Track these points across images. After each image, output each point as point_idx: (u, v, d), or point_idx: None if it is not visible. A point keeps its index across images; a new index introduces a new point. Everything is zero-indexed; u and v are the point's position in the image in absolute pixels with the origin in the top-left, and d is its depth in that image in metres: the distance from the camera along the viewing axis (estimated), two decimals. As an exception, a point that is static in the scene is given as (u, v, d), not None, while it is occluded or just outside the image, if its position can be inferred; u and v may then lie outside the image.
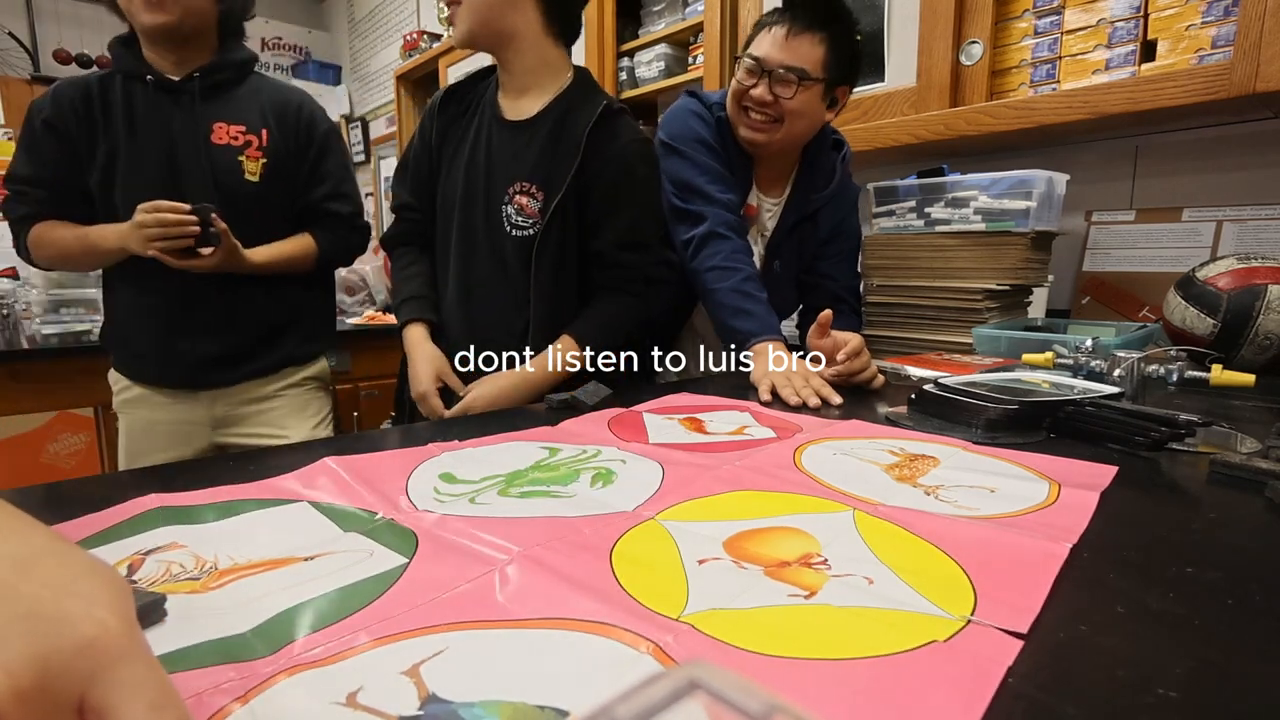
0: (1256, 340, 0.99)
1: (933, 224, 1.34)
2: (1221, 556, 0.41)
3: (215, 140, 1.21)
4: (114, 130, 1.18)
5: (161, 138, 1.19)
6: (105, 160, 1.18)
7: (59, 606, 0.19)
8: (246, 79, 1.26)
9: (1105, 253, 1.44)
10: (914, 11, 1.54)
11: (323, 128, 1.32)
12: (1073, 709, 0.27)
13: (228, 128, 1.21)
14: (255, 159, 1.23)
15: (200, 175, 1.19)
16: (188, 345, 1.23)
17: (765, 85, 1.11)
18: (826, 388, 0.91)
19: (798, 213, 1.26)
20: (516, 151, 1.05)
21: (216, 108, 1.21)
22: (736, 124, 1.18)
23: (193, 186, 1.19)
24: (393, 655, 0.31)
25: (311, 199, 1.30)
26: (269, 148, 1.24)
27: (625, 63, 2.29)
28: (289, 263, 1.28)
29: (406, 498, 0.52)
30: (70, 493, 0.55)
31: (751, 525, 0.46)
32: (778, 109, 1.12)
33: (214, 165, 1.20)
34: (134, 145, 1.18)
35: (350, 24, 4.44)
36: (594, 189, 1.03)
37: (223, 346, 1.25)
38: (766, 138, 1.15)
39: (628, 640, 0.32)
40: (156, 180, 1.17)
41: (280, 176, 1.26)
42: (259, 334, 1.28)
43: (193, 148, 1.19)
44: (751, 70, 1.12)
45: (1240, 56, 1.06)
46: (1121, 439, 0.63)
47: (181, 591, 0.37)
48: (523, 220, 1.04)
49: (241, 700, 0.28)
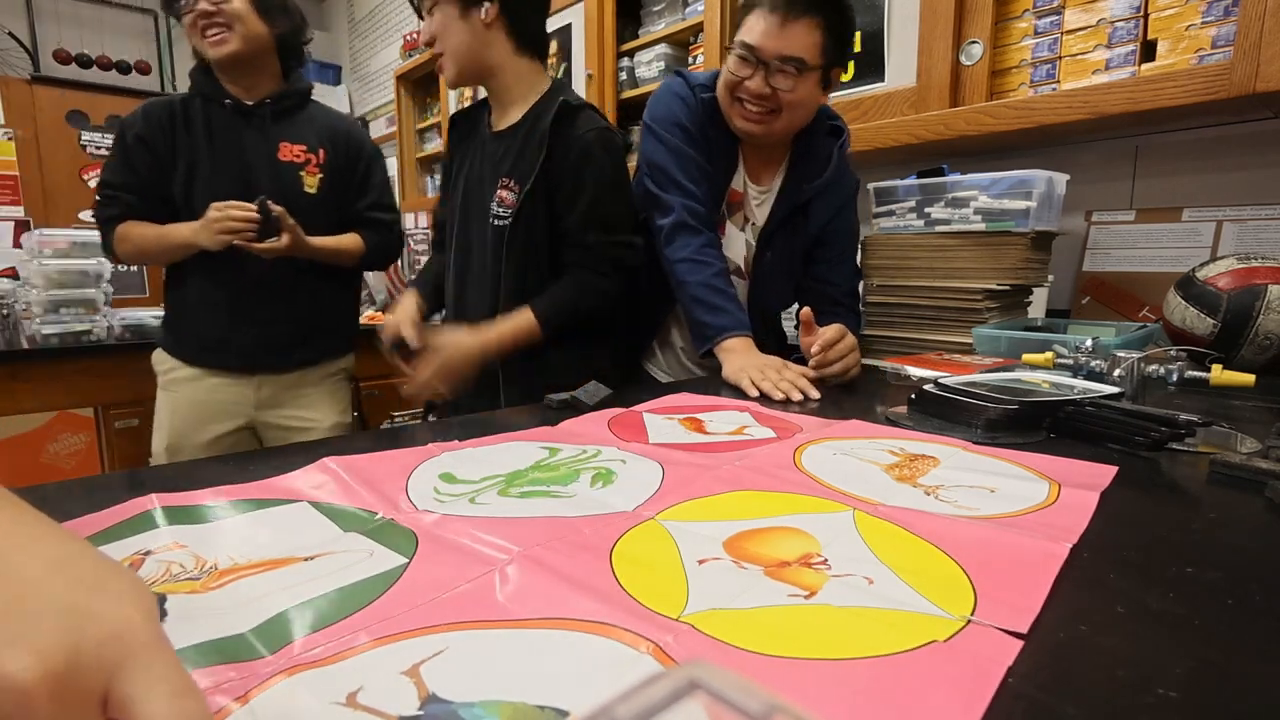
0: (1256, 340, 0.99)
1: (933, 224, 1.34)
2: (1221, 556, 0.41)
3: (281, 157, 1.42)
4: (195, 144, 1.38)
5: (236, 152, 1.39)
6: (186, 170, 1.37)
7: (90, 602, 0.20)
8: (306, 106, 1.49)
9: (1105, 253, 1.44)
10: (914, 11, 1.54)
11: (368, 149, 1.55)
12: (1073, 709, 0.27)
13: (292, 147, 1.43)
14: (313, 174, 1.45)
15: (268, 186, 1.38)
16: (246, 333, 1.41)
17: (761, 77, 1.06)
18: (802, 380, 0.92)
19: (790, 202, 1.21)
20: (502, 155, 1.17)
21: (282, 129, 1.43)
22: (730, 115, 1.14)
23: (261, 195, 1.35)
24: (393, 655, 0.31)
25: (358, 208, 1.52)
26: (325, 165, 1.46)
27: (625, 63, 2.29)
28: (342, 253, 1.47)
29: (406, 498, 0.52)
30: (70, 493, 0.55)
31: (751, 525, 0.46)
32: (775, 101, 1.07)
33: (279, 178, 1.41)
34: (212, 158, 1.38)
35: (350, 24, 4.44)
36: (560, 174, 1.11)
37: (276, 335, 1.43)
38: (765, 129, 1.11)
39: (628, 640, 0.32)
40: (231, 189, 1.35)
41: (333, 189, 1.47)
42: (306, 328, 1.48)
43: (262, 162, 1.40)
44: (745, 60, 1.06)
45: (1240, 56, 1.06)
46: (1121, 439, 0.63)
47: (181, 591, 0.37)
48: (503, 211, 1.14)
49: (241, 700, 0.28)
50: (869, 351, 1.40)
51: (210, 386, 1.44)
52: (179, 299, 1.45)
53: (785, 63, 1.04)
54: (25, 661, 0.18)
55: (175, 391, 1.45)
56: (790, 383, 0.92)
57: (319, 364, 1.52)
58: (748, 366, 0.98)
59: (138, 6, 4.09)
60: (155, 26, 4.16)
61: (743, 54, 1.07)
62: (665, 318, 1.28)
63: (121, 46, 4.05)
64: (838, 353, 0.96)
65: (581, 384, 0.89)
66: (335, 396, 1.56)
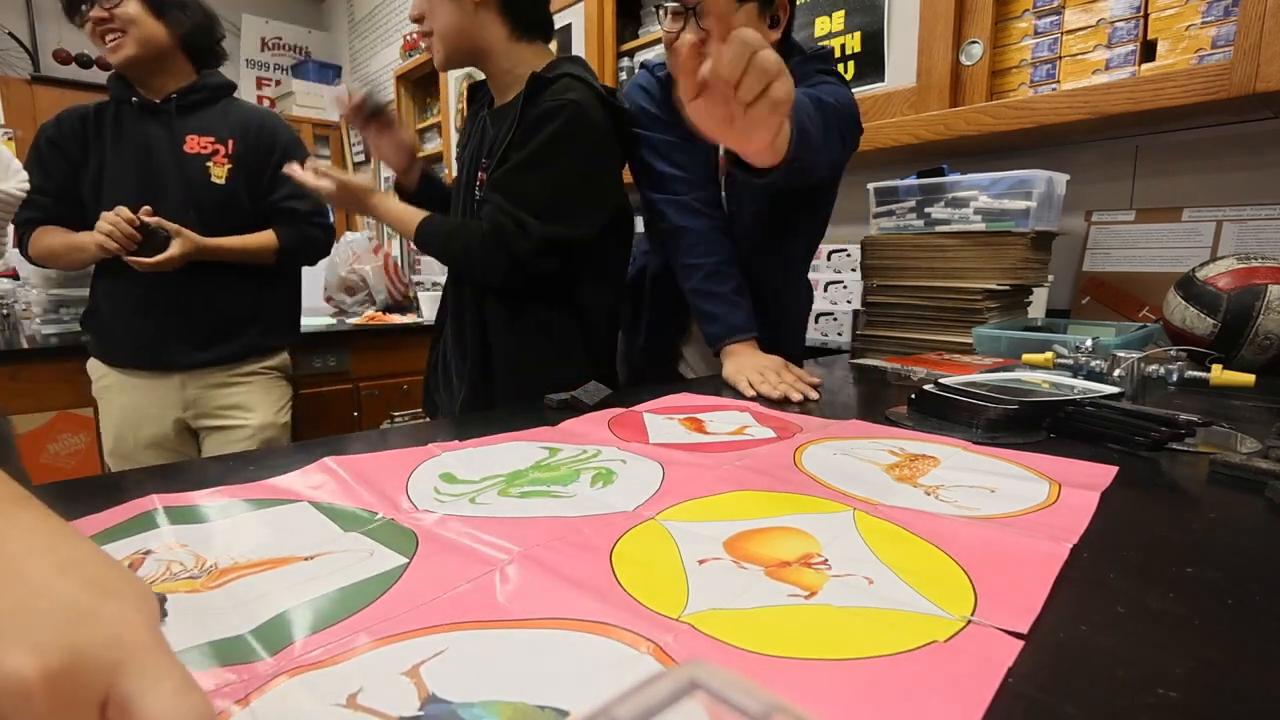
0: (1256, 340, 0.99)
1: (933, 224, 1.34)
2: (1221, 556, 0.41)
3: (187, 150, 1.41)
4: (104, 146, 1.39)
5: (141, 149, 1.40)
6: (95, 171, 1.39)
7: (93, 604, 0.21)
8: (220, 100, 1.47)
9: (1105, 253, 1.44)
10: (914, 11, 1.54)
11: (284, 137, 1.51)
12: (1073, 709, 0.27)
13: (198, 139, 1.42)
14: (221, 164, 1.43)
15: (173, 178, 1.40)
16: (154, 327, 1.41)
17: (693, 24, 0.99)
18: (801, 383, 0.92)
19: None
20: (491, 136, 1.12)
21: (190, 123, 1.43)
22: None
23: (167, 188, 1.39)
24: (393, 656, 0.31)
25: (274, 198, 1.49)
26: (234, 155, 1.44)
27: (625, 63, 2.29)
28: (251, 252, 1.45)
29: (407, 498, 0.52)
30: (70, 493, 0.55)
31: (752, 525, 0.46)
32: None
33: (184, 170, 1.40)
34: (118, 156, 1.39)
35: (350, 24, 4.44)
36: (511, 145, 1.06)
37: (186, 330, 1.42)
38: None
39: (628, 640, 0.32)
40: (136, 185, 1.38)
41: (245, 180, 1.45)
42: (220, 323, 1.46)
43: (167, 156, 1.40)
44: (676, 13, 1.00)
45: (1240, 57, 1.06)
46: (1121, 439, 0.63)
47: (181, 590, 0.37)
48: (479, 192, 1.11)
49: (242, 703, 0.28)
50: (869, 351, 1.40)
51: (131, 389, 1.45)
52: (92, 297, 1.47)
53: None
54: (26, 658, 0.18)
55: (106, 399, 1.48)
56: (789, 385, 0.92)
57: (241, 362, 1.50)
58: (745, 367, 0.98)
59: (138, 6, 4.08)
60: (155, 26, 4.15)
61: (671, 5, 1.00)
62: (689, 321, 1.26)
63: (121, 46, 4.05)
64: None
65: (581, 384, 0.89)
66: (269, 394, 1.54)
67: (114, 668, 0.20)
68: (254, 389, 1.51)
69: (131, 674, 0.20)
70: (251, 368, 1.51)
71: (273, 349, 1.55)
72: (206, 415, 1.49)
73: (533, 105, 1.04)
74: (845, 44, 1.71)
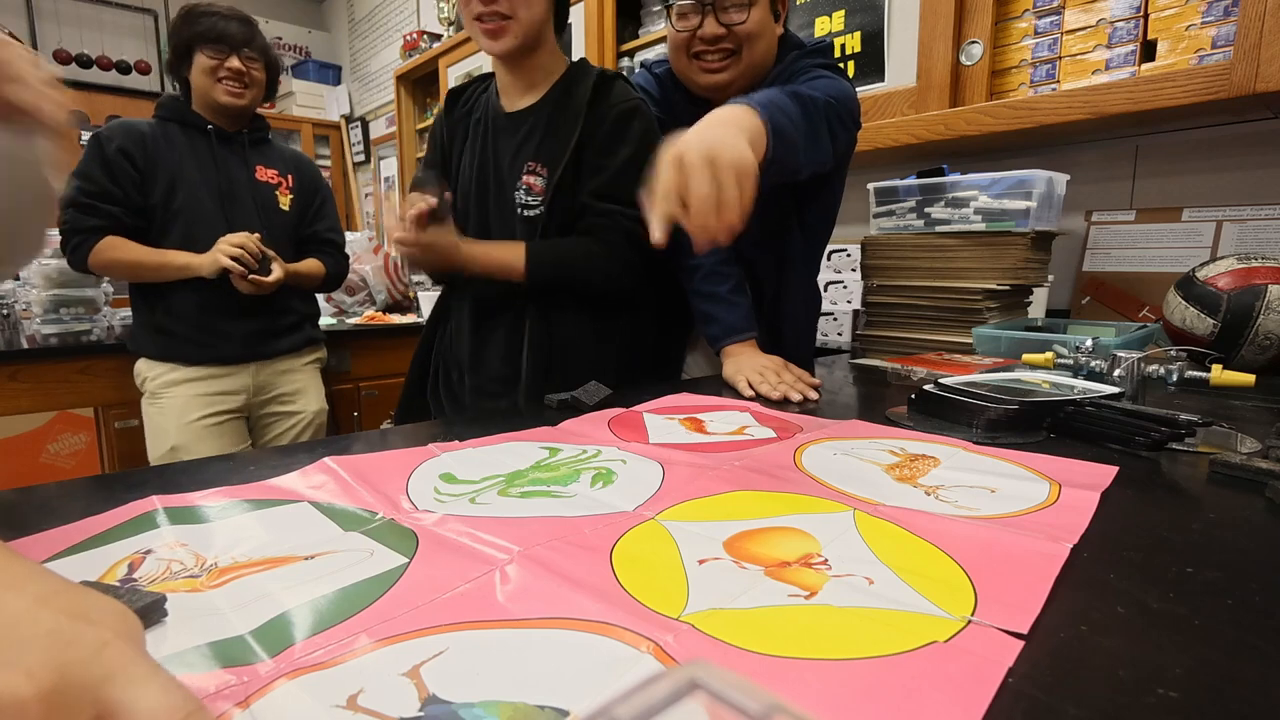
0: (1256, 340, 0.99)
1: (933, 224, 1.34)
2: (1221, 556, 0.41)
3: (259, 178, 1.63)
4: (177, 161, 1.52)
5: (218, 170, 1.57)
6: (168, 184, 1.51)
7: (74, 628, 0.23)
8: (269, 137, 1.70)
9: (1105, 253, 1.44)
10: (914, 11, 1.54)
11: (322, 180, 1.80)
12: (1073, 709, 0.27)
13: (266, 170, 1.65)
14: (286, 195, 1.68)
15: (249, 201, 1.60)
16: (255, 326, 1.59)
17: (712, 19, 1.01)
18: (800, 383, 0.92)
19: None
20: (523, 137, 1.07)
21: (256, 155, 1.65)
22: (691, 77, 1.08)
23: (242, 210, 1.58)
24: (393, 656, 0.31)
25: (316, 229, 1.74)
26: (294, 188, 1.69)
27: (625, 63, 2.29)
28: (306, 277, 1.69)
29: (407, 498, 0.52)
30: (70, 493, 0.55)
31: (752, 525, 0.46)
32: (734, 39, 1.02)
33: (258, 195, 1.62)
34: (195, 176, 1.54)
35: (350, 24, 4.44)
36: (591, 150, 1.04)
37: (261, 325, 1.61)
38: (731, 74, 1.05)
39: (628, 640, 0.32)
40: (214, 205, 1.55)
41: (299, 210, 1.71)
42: (285, 320, 1.67)
43: (243, 181, 1.60)
44: (688, 10, 1.03)
45: (1240, 57, 1.06)
46: (1121, 439, 0.63)
47: (182, 590, 0.37)
48: (532, 200, 1.06)
49: (243, 705, 0.28)
50: (869, 351, 1.40)
51: (206, 381, 1.56)
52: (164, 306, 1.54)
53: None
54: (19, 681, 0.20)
55: (167, 396, 1.55)
56: (789, 385, 0.92)
57: (300, 352, 1.72)
58: (745, 368, 0.98)
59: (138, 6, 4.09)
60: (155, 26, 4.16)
61: (684, 5, 1.03)
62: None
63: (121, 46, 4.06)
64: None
65: (582, 384, 0.89)
66: (316, 381, 1.79)
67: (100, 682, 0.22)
68: (308, 375, 1.76)
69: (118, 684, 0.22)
70: (308, 358, 1.76)
71: (320, 341, 1.81)
72: (270, 401, 1.68)
73: (602, 103, 1.03)
74: (845, 44, 1.71)
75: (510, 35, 0.99)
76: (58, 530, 0.46)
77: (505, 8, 0.97)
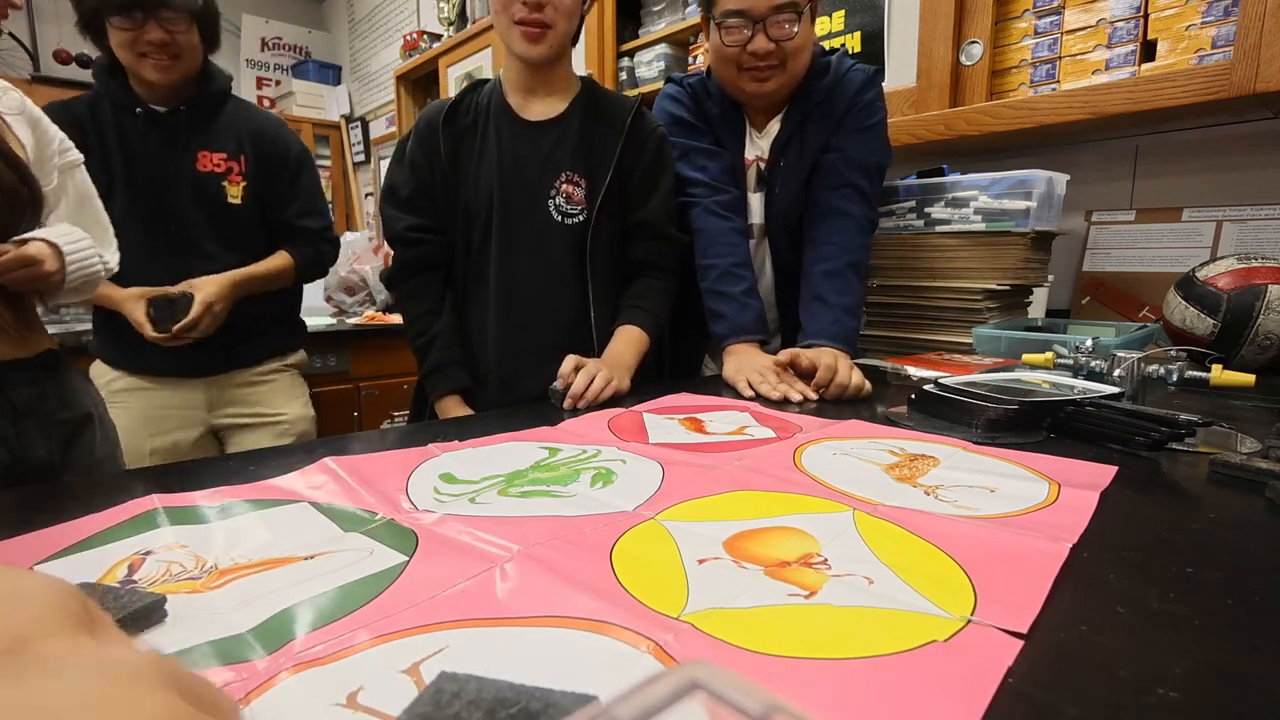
0: (1256, 340, 0.99)
1: (933, 224, 1.34)
2: (1221, 556, 0.41)
3: (200, 168, 1.34)
4: (107, 154, 1.30)
5: (151, 165, 1.31)
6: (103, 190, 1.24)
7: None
8: (225, 105, 1.39)
9: (1105, 253, 1.44)
10: (914, 11, 1.54)
11: (295, 149, 1.46)
12: (1073, 709, 0.27)
13: (211, 155, 1.35)
14: (237, 184, 1.38)
15: (187, 199, 1.33)
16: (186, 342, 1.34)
17: (762, 35, 1.06)
18: (799, 383, 0.93)
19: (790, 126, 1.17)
20: (552, 146, 1.09)
21: (199, 137, 1.35)
22: (740, 86, 1.13)
23: (180, 210, 1.33)
24: (393, 653, 0.31)
25: (286, 215, 1.45)
26: (248, 171, 1.38)
27: (625, 63, 2.29)
28: (273, 278, 1.43)
29: (407, 498, 0.52)
30: (70, 493, 0.55)
31: (751, 525, 0.46)
32: (781, 53, 1.08)
33: (199, 191, 1.34)
34: (126, 170, 1.30)
35: (350, 24, 4.43)
36: (634, 169, 1.12)
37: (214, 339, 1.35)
38: (777, 84, 1.12)
39: (628, 639, 0.32)
40: (147, 204, 1.31)
41: (259, 196, 1.41)
42: (245, 331, 1.42)
43: (180, 176, 1.33)
44: (738, 27, 1.06)
45: (1240, 57, 1.06)
46: (1121, 439, 0.63)
47: (181, 591, 0.37)
48: (571, 208, 1.09)
49: (243, 702, 0.28)
50: (869, 351, 1.40)
51: (153, 394, 1.40)
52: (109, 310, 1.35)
53: (780, 11, 1.05)
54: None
55: (121, 402, 1.38)
56: (789, 385, 0.92)
57: (264, 362, 1.50)
58: (745, 367, 0.99)
59: (138, 6, 4.08)
60: (155, 26, 4.15)
61: (734, 21, 1.07)
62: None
63: (121, 46, 4.05)
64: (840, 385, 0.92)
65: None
66: (293, 390, 1.55)
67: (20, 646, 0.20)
68: (279, 387, 1.52)
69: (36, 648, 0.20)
70: (273, 366, 1.51)
71: (292, 347, 1.57)
72: (235, 416, 1.47)
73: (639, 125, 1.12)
74: (845, 44, 1.71)
75: (546, 42, 1.03)
76: (57, 529, 0.46)
77: (549, 16, 1.00)
